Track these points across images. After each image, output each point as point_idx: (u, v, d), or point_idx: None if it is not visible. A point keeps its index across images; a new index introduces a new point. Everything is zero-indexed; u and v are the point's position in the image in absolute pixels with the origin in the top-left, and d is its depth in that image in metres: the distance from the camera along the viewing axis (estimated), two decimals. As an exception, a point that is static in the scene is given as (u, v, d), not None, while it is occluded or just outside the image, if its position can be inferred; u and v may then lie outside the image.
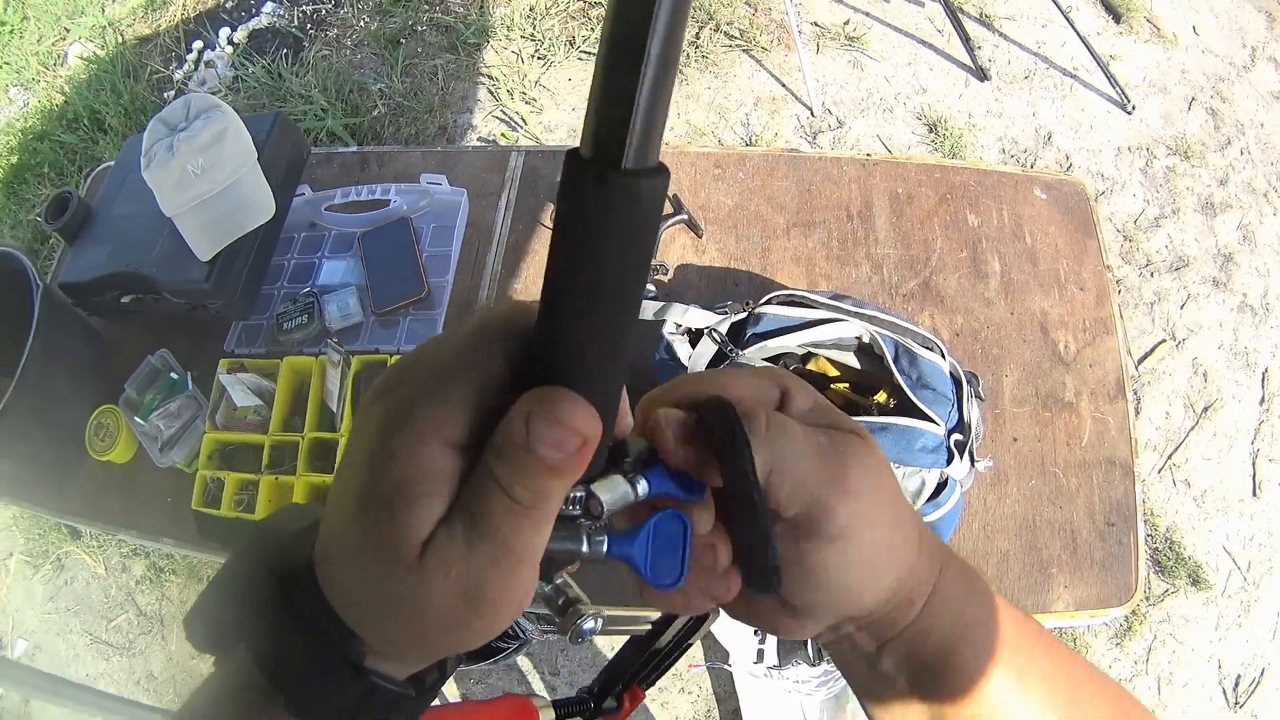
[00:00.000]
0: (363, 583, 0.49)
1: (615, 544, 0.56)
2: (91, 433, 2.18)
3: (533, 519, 0.46)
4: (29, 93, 5.02)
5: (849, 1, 4.15)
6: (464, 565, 0.46)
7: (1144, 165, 3.66)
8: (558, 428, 0.45)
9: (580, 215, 0.42)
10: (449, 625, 0.48)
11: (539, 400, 0.46)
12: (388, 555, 0.47)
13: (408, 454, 0.46)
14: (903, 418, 1.57)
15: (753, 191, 2.18)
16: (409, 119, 4.14)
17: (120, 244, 2.22)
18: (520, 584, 0.48)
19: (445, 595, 0.47)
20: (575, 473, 0.47)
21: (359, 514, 0.48)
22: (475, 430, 0.47)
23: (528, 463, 0.45)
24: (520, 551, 0.47)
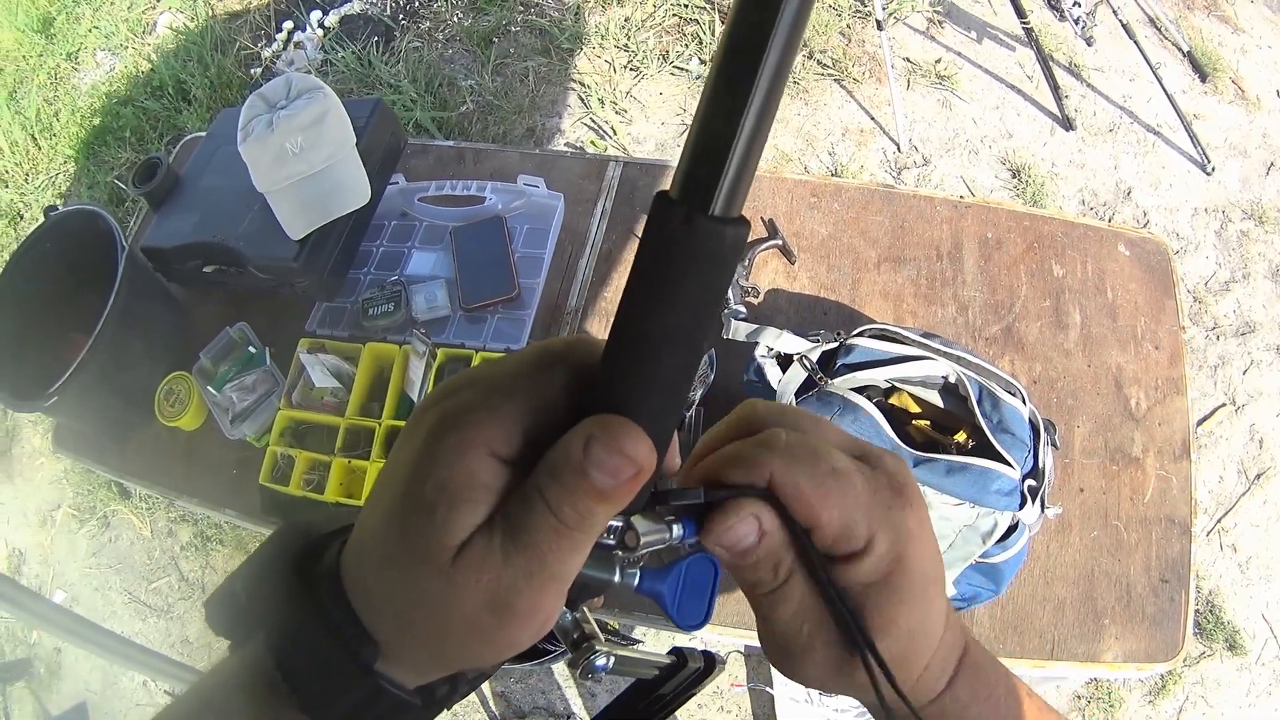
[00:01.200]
0: (391, 581, 0.50)
1: (647, 579, 0.58)
2: (161, 397, 2.21)
3: (573, 541, 0.47)
4: (116, 58, 5.08)
5: (942, 39, 4.16)
6: (496, 575, 0.47)
7: (1219, 228, 3.65)
8: (617, 456, 0.46)
9: (663, 255, 0.44)
10: (470, 633, 0.49)
11: (601, 426, 0.47)
12: (422, 555, 0.48)
13: (454, 460, 0.48)
14: (981, 459, 1.59)
15: (846, 223, 2.20)
16: (497, 118, 4.17)
17: (207, 214, 2.25)
18: (548, 603, 0.49)
19: (472, 602, 0.47)
20: (623, 502, 0.47)
21: (399, 513, 0.49)
22: (523, 449, 0.49)
23: (579, 485, 0.46)
24: (555, 570, 0.48)
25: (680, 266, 0.44)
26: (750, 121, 0.41)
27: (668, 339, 0.46)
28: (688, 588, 0.59)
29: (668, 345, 0.46)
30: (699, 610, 0.59)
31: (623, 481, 0.46)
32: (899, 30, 4.15)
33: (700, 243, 0.43)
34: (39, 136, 4.91)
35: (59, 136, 4.86)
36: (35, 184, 4.79)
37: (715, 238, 0.43)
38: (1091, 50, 3.93)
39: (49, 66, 5.17)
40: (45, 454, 4.15)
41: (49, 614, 2.08)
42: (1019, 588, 1.80)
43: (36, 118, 4.94)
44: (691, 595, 0.59)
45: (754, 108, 0.40)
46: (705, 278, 0.45)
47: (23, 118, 4.97)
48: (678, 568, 0.58)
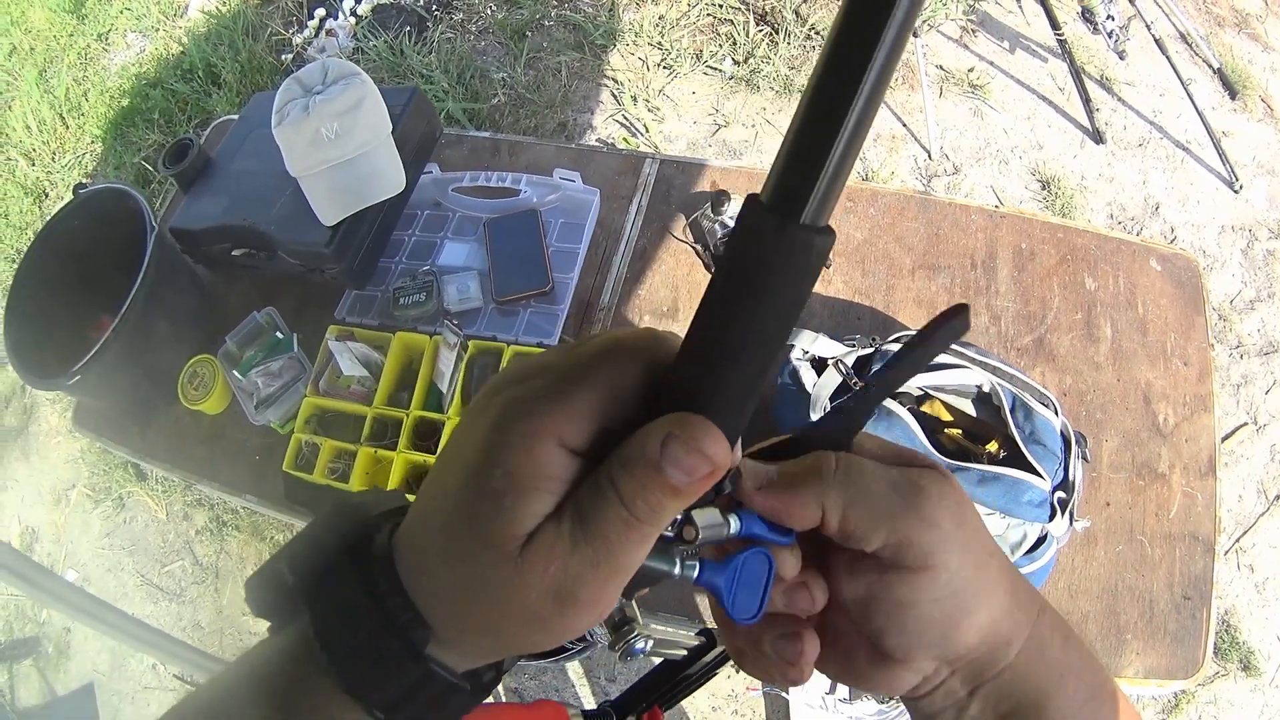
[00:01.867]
0: (453, 568, 0.50)
1: (706, 571, 0.58)
2: (185, 380, 2.21)
3: (641, 534, 0.48)
4: (147, 40, 5.11)
5: (975, 48, 4.16)
6: (563, 564, 0.47)
7: (1245, 246, 3.64)
8: (696, 454, 0.46)
9: (753, 259, 0.45)
10: (531, 622, 0.49)
11: (681, 425, 0.47)
12: (489, 543, 0.48)
13: (524, 448, 0.48)
14: (1012, 469, 1.59)
15: (882, 229, 2.20)
16: (529, 111, 4.18)
17: (238, 198, 2.25)
18: (609, 594, 0.49)
19: (537, 590, 0.47)
20: (693, 498, 0.48)
21: (465, 500, 0.49)
22: (593, 440, 0.49)
23: (653, 480, 0.46)
24: (621, 562, 0.48)
25: (770, 274, 0.45)
26: (847, 134, 0.41)
27: (751, 344, 0.47)
28: (743, 581, 0.58)
29: (749, 350, 0.47)
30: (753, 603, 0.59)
31: (697, 479, 0.47)
32: (932, 37, 4.14)
33: (791, 252, 0.44)
34: (67, 116, 4.93)
35: (87, 116, 4.89)
36: (62, 163, 4.81)
37: (805, 247, 0.44)
38: (1124, 64, 3.93)
39: (79, 46, 5.19)
40: (62, 433, 4.17)
41: (61, 591, 2.08)
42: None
43: (65, 97, 4.96)
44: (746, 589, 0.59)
45: (852, 122, 0.41)
46: (792, 286, 0.45)
47: (52, 96, 4.99)
48: (734, 561, 0.58)
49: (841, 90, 0.41)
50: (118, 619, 2.09)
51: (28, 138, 4.89)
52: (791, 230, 0.43)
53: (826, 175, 0.42)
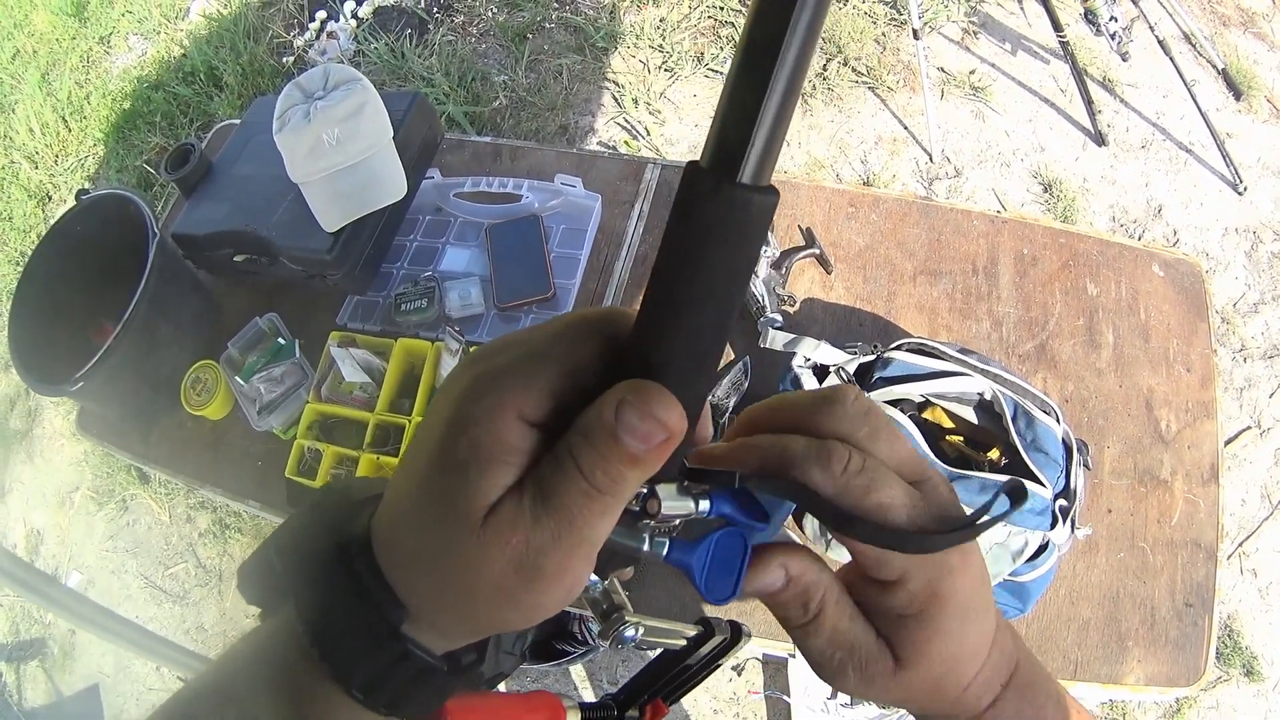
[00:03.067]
0: (421, 541, 0.51)
1: (675, 549, 0.58)
2: (188, 386, 2.21)
3: (602, 505, 0.48)
4: (149, 43, 5.12)
5: (976, 50, 4.15)
6: (525, 537, 0.47)
7: (1249, 248, 3.63)
8: (649, 420, 0.46)
9: (694, 222, 0.45)
10: (498, 595, 0.49)
11: (634, 390, 0.47)
12: (453, 515, 0.48)
13: (486, 422, 0.48)
14: (1014, 477, 1.59)
15: (884, 234, 2.20)
16: (530, 114, 4.18)
17: (240, 203, 2.25)
18: (575, 567, 0.49)
19: (501, 563, 0.48)
20: (653, 467, 0.48)
21: (430, 474, 0.50)
22: (554, 414, 0.50)
23: (610, 449, 0.47)
24: (583, 533, 0.48)
25: (709, 234, 0.45)
26: (778, 92, 0.42)
27: (698, 305, 0.47)
28: (717, 562, 0.59)
29: (697, 312, 0.48)
30: (727, 585, 0.60)
31: (654, 446, 0.47)
32: (933, 39, 4.14)
33: (729, 210, 0.45)
34: (69, 119, 4.94)
35: (89, 119, 4.90)
36: (64, 166, 4.82)
37: (744, 205, 0.45)
38: (1126, 66, 3.91)
39: (81, 49, 5.20)
40: (66, 436, 4.18)
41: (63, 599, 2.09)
42: (1044, 607, 1.79)
43: (68, 100, 4.98)
44: (720, 569, 0.59)
45: (782, 78, 0.42)
46: (734, 245, 0.46)
47: (54, 99, 5.01)
48: (707, 541, 0.59)
49: (768, 47, 0.42)
50: (119, 625, 2.09)
51: (31, 141, 4.90)
52: (728, 190, 0.44)
53: (761, 134, 0.43)
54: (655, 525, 0.57)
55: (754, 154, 0.43)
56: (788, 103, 0.43)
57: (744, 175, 0.44)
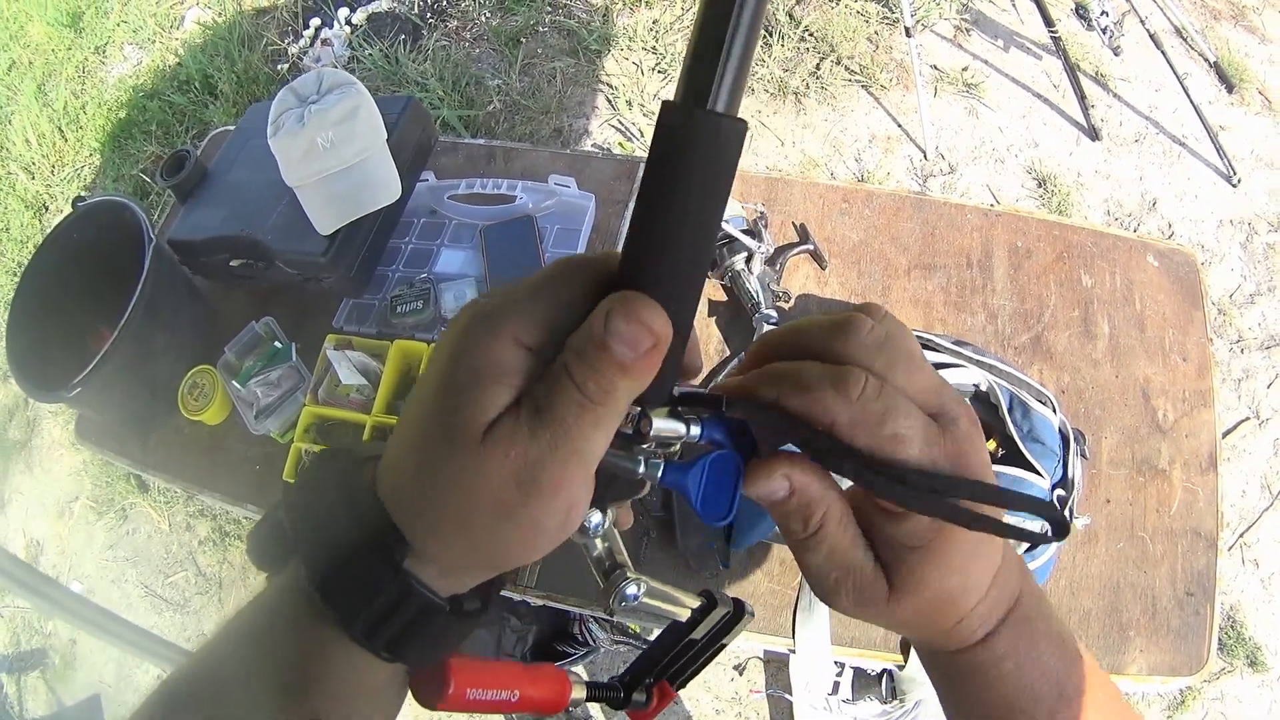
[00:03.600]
0: (423, 464, 0.53)
1: (670, 471, 0.60)
2: (185, 391, 2.21)
3: (596, 415, 0.50)
4: (144, 52, 5.12)
5: (969, 47, 4.16)
6: (523, 449, 0.49)
7: (1244, 240, 3.63)
8: (634, 324, 0.49)
9: (668, 147, 0.49)
10: (497, 511, 0.51)
11: (619, 299, 0.50)
12: (452, 433, 0.51)
13: (483, 347, 0.51)
14: (1011, 468, 1.59)
15: (878, 229, 2.20)
16: (524, 118, 4.17)
17: (235, 208, 2.25)
18: (571, 481, 0.51)
19: (500, 477, 0.50)
20: (643, 375, 0.50)
21: (431, 401, 0.53)
22: (550, 343, 0.52)
23: (600, 358, 0.49)
24: (579, 445, 0.50)
25: (684, 157, 0.49)
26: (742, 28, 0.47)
27: (676, 226, 0.50)
28: (711, 482, 0.60)
29: (676, 232, 0.50)
30: (723, 504, 0.61)
31: (641, 353, 0.49)
32: (926, 37, 4.14)
33: (701, 133, 0.48)
34: (65, 129, 4.94)
35: (85, 129, 4.89)
36: (61, 176, 4.82)
37: (713, 127, 0.48)
38: (1118, 60, 3.92)
39: (77, 60, 5.20)
40: (65, 445, 4.17)
41: (67, 602, 2.09)
42: (1044, 599, 1.79)
43: (64, 110, 4.98)
44: (715, 490, 0.60)
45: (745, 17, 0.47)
46: (708, 168, 0.49)
47: (50, 110, 5.00)
48: (701, 462, 0.60)
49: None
50: (124, 629, 2.09)
51: (27, 151, 4.90)
52: (698, 115, 0.47)
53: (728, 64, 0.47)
54: (649, 448, 0.59)
55: (722, 85, 0.47)
56: (751, 38, 0.47)
57: (714, 104, 0.47)
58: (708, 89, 0.47)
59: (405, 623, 0.56)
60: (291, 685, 0.57)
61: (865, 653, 1.82)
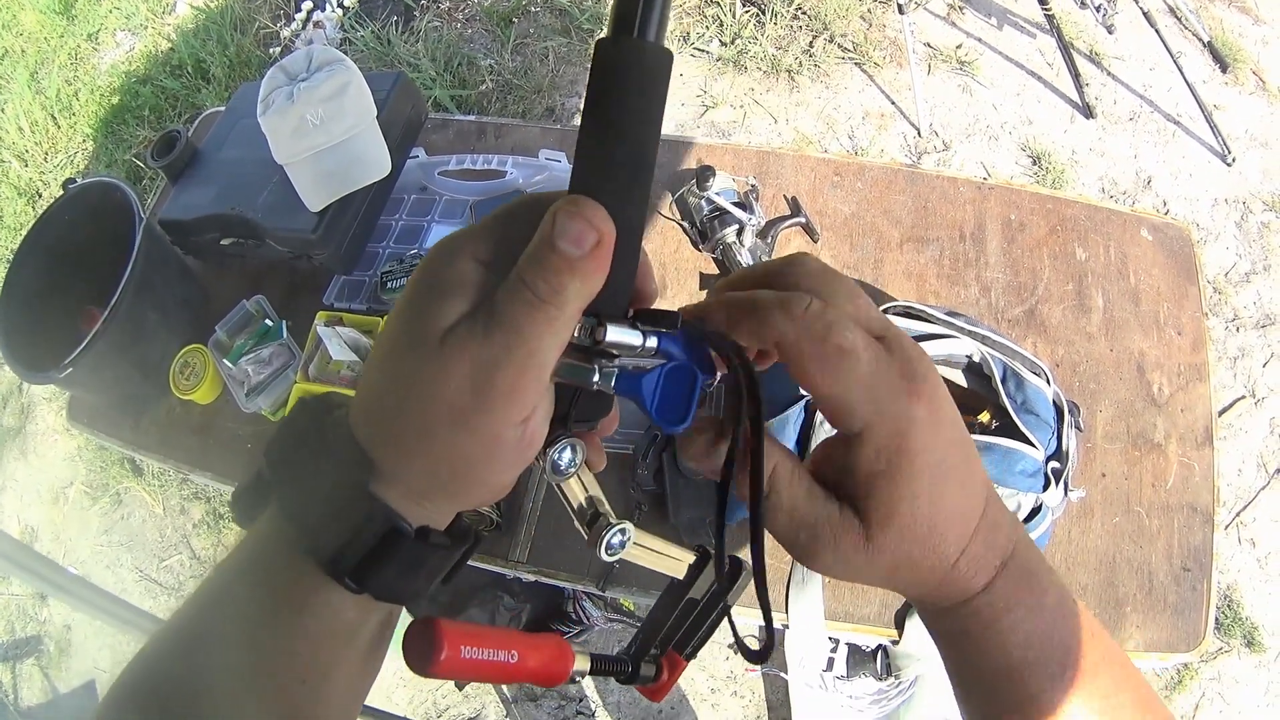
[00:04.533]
0: (385, 373, 0.55)
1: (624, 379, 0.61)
2: (176, 371, 2.20)
3: (548, 315, 0.52)
4: (136, 37, 5.11)
5: (962, 25, 4.15)
6: (479, 350, 0.51)
7: (1239, 219, 3.63)
8: (578, 220, 0.51)
9: (602, 71, 0.53)
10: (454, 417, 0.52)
11: (564, 200, 0.52)
12: (412, 339, 0.53)
13: (443, 265, 0.54)
14: (1005, 439, 1.59)
15: (870, 202, 2.19)
16: (516, 97, 4.17)
17: (226, 187, 2.25)
18: (527, 386, 0.53)
19: (456, 378, 0.51)
20: (590, 275, 0.52)
21: (395, 318, 0.55)
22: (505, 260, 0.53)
23: (549, 257, 0.51)
24: (533, 346, 0.52)
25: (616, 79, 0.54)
26: None
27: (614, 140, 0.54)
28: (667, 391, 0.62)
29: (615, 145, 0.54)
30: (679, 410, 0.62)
31: (587, 250, 0.52)
32: (919, 15, 4.13)
33: (630, 55, 0.53)
34: (59, 116, 4.93)
35: (78, 115, 4.89)
36: (54, 163, 4.81)
37: (641, 53, 0.53)
38: (1112, 38, 3.91)
39: (70, 47, 5.19)
40: (59, 431, 4.17)
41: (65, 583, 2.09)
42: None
43: (57, 97, 4.96)
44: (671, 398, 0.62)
45: None
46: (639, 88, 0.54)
47: (43, 97, 4.99)
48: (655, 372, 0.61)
49: None
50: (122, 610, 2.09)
51: (20, 139, 4.89)
52: (627, 42, 0.53)
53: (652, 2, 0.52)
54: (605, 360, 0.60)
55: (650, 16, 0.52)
56: None
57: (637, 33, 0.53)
58: (632, 21, 0.52)
59: (370, 545, 0.56)
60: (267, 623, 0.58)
61: (859, 627, 1.81)
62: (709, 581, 0.80)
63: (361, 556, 0.56)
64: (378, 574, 0.57)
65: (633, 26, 0.52)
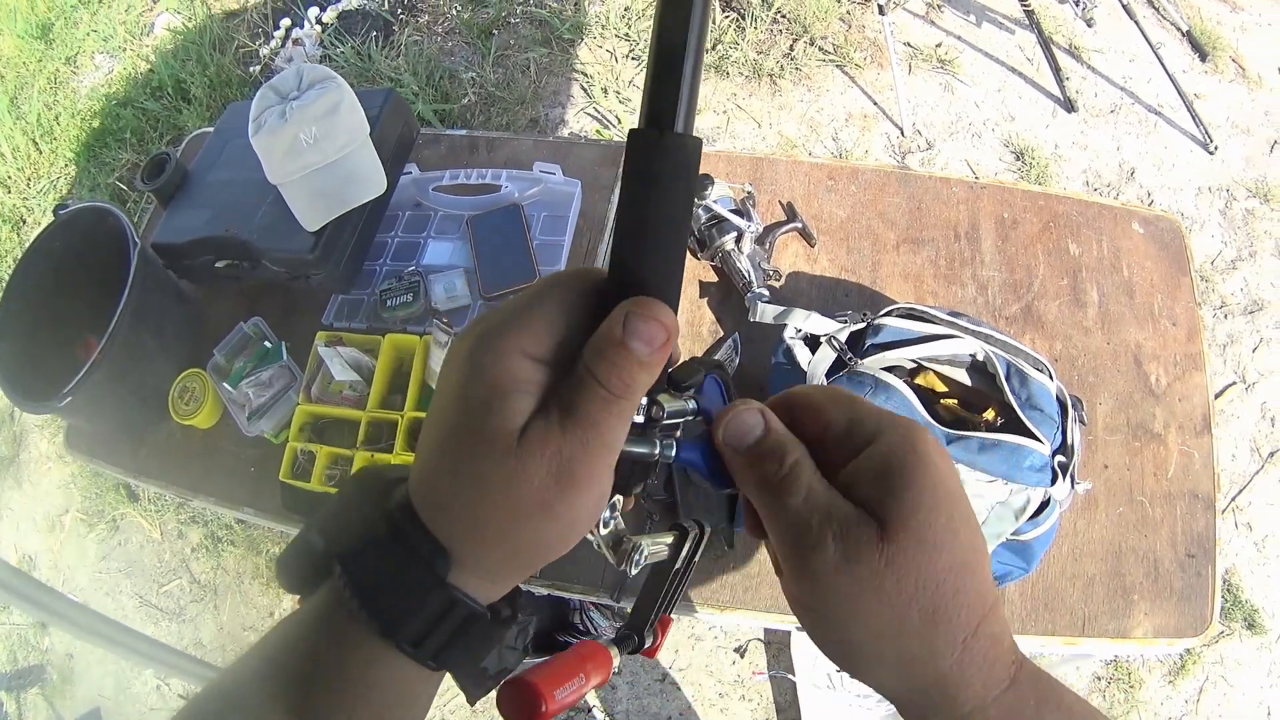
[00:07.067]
0: (459, 478, 0.55)
1: (684, 450, 0.66)
2: (176, 395, 2.19)
3: (620, 408, 0.54)
4: (115, 60, 5.10)
5: (942, 24, 4.17)
6: (558, 446, 0.53)
7: (1223, 206, 3.65)
8: (652, 322, 0.53)
9: (644, 165, 0.55)
10: (538, 508, 0.54)
11: (635, 303, 0.54)
12: (486, 444, 0.53)
13: (498, 363, 0.54)
14: (1012, 435, 1.60)
15: (864, 205, 2.21)
16: (500, 109, 4.17)
17: (219, 209, 2.23)
18: (601, 472, 0.55)
19: (540, 475, 0.53)
20: (658, 368, 0.55)
21: (456, 416, 0.55)
22: (553, 350, 0.56)
23: (621, 355, 0.53)
24: (608, 438, 0.54)
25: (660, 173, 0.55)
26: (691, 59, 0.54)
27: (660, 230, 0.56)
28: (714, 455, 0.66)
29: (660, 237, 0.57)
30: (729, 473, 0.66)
31: (657, 347, 0.54)
32: (899, 14, 4.15)
33: (670, 151, 0.55)
34: (40, 141, 4.91)
35: (60, 140, 4.87)
36: (37, 188, 4.79)
37: (680, 146, 0.54)
38: (1092, 31, 3.93)
39: (49, 71, 5.17)
40: (53, 458, 4.15)
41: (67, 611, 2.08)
42: (1048, 565, 1.81)
43: (37, 122, 4.94)
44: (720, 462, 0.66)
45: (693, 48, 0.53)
46: (677, 179, 0.56)
47: (24, 123, 4.97)
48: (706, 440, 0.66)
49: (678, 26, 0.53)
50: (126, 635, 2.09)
51: (2, 166, 4.87)
52: (668, 136, 0.54)
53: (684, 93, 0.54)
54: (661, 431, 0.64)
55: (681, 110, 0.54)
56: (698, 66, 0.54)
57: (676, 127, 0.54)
58: (671, 116, 0.54)
59: (449, 632, 0.58)
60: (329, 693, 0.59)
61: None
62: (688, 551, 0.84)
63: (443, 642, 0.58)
64: (455, 653, 0.59)
65: (672, 121, 0.54)
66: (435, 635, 0.58)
